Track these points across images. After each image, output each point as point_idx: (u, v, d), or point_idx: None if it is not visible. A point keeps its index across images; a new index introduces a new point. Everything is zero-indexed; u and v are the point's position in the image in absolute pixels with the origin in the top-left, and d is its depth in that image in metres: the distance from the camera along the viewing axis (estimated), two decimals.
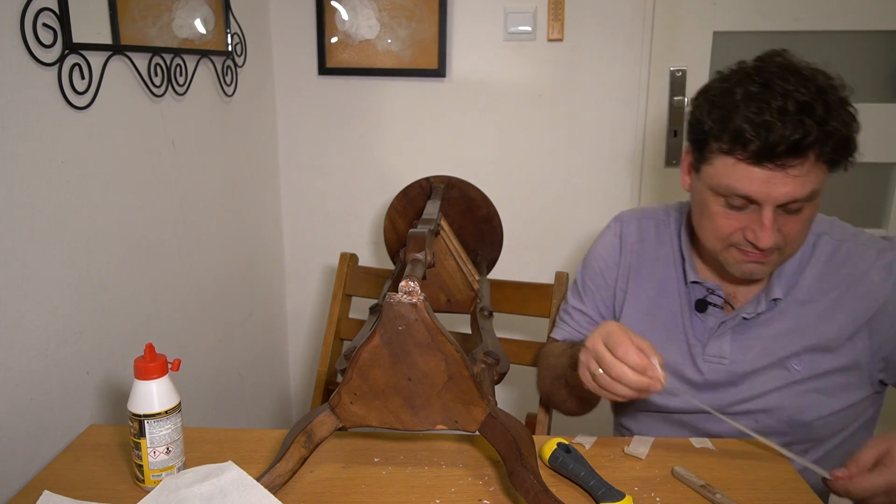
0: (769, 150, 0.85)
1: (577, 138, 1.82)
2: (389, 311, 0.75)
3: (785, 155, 0.85)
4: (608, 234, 1.17)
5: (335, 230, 1.92)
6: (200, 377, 1.45)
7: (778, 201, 0.89)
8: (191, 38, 1.35)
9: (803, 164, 0.86)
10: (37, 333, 0.95)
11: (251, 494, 0.77)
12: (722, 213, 0.94)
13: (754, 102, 0.87)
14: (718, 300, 1.04)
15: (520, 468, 0.78)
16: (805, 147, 0.85)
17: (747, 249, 0.94)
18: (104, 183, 1.09)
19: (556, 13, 1.73)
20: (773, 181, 0.87)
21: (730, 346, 1.03)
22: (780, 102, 0.85)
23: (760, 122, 0.85)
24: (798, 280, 1.01)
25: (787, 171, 0.87)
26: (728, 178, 0.90)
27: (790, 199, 0.88)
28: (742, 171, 0.89)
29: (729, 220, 0.94)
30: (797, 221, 0.92)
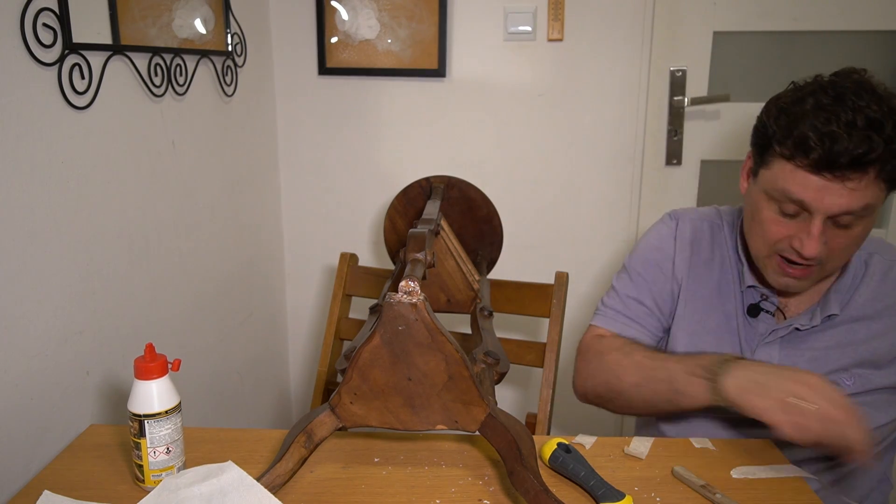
0: (831, 161, 0.86)
1: (577, 138, 1.82)
2: (389, 311, 0.75)
3: (846, 167, 0.86)
4: (663, 229, 1.16)
5: (335, 230, 1.92)
6: (200, 377, 1.45)
7: (830, 211, 0.89)
8: (191, 38, 1.35)
9: (861, 179, 0.86)
10: (37, 333, 0.95)
11: (251, 494, 0.77)
12: (773, 219, 0.94)
13: (823, 113, 0.87)
14: (771, 307, 1.04)
15: (520, 468, 0.78)
16: (867, 162, 0.85)
17: (791, 258, 0.94)
18: (104, 183, 1.09)
19: (556, 13, 1.73)
20: (830, 191, 0.87)
21: (778, 355, 1.03)
22: (850, 116, 0.85)
23: (827, 131, 0.85)
24: (852, 297, 1.02)
25: (844, 184, 0.87)
26: (784, 183, 0.90)
27: (843, 211, 0.88)
28: (799, 178, 0.89)
29: (779, 227, 0.94)
30: (846, 237, 0.92)
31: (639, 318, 1.13)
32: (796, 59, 1.77)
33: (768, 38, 1.77)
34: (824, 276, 0.99)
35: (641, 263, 1.15)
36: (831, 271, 0.98)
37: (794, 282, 0.97)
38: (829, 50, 1.76)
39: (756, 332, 1.05)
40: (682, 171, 1.83)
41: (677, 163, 1.82)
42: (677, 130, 1.79)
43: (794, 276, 0.96)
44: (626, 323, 1.13)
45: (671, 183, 1.84)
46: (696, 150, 1.82)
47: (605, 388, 1.07)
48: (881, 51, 1.76)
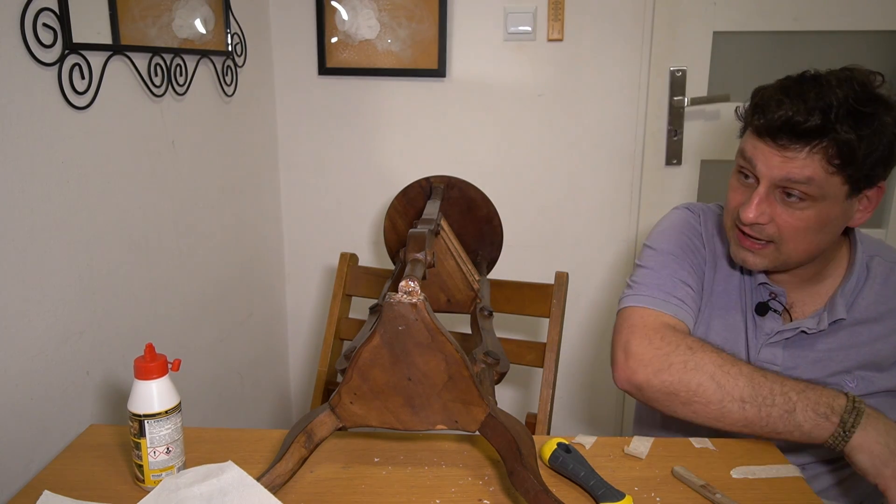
0: (769, 125, 0.90)
1: (577, 138, 1.82)
2: (389, 311, 0.75)
3: (783, 134, 0.90)
4: (689, 218, 1.13)
5: (335, 230, 1.92)
6: (200, 377, 1.45)
7: (771, 177, 0.92)
8: (191, 38, 1.35)
9: (800, 150, 0.89)
10: (37, 333, 0.95)
11: (251, 494, 0.77)
12: (734, 186, 0.99)
13: (792, 88, 0.91)
14: (779, 306, 1.05)
15: (520, 468, 0.78)
16: (802, 133, 0.88)
17: (741, 230, 0.97)
18: (104, 183, 1.09)
19: (556, 13, 1.73)
20: (770, 157, 0.92)
21: (782, 355, 1.03)
22: (811, 94, 0.89)
23: (777, 99, 0.90)
24: (855, 300, 1.02)
25: (783, 153, 0.91)
26: (743, 144, 0.97)
27: (783, 178, 0.91)
28: (753, 144, 0.95)
29: (736, 194, 0.99)
30: (795, 217, 0.93)
31: (689, 302, 1.03)
32: (796, 59, 1.77)
33: (768, 38, 1.77)
34: (785, 261, 0.99)
35: (677, 245, 1.08)
36: (790, 257, 0.98)
37: (749, 256, 0.99)
38: (829, 50, 1.76)
39: (762, 332, 1.05)
40: (682, 171, 1.84)
41: (677, 163, 1.82)
42: (677, 130, 1.79)
43: (748, 249, 0.98)
44: (680, 306, 1.02)
45: (671, 183, 1.84)
46: (696, 150, 1.82)
47: (685, 389, 0.92)
48: (881, 51, 1.76)
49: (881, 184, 0.95)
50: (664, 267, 1.06)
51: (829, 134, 0.88)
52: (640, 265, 1.10)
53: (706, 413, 0.92)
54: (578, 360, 1.96)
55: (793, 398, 0.89)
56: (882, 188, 0.95)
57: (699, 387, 0.91)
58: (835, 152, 0.88)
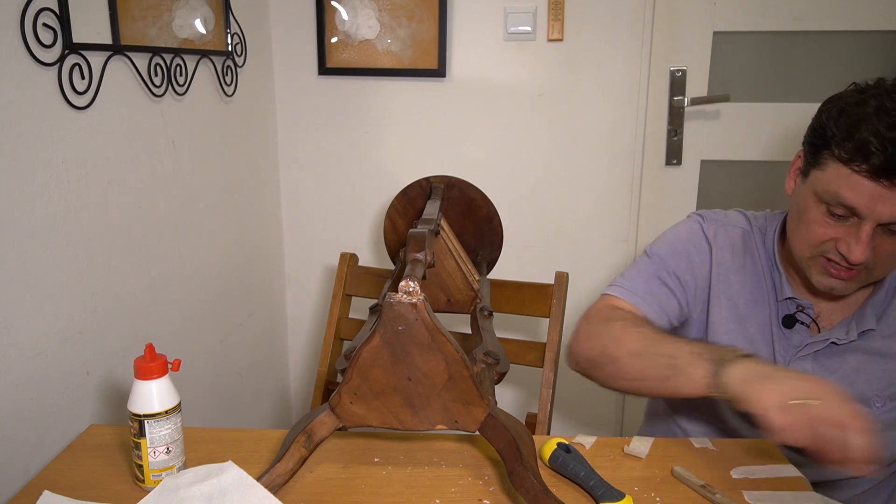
0: (891, 168, 0.84)
1: (577, 138, 1.82)
2: (389, 311, 0.75)
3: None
4: (693, 226, 1.11)
5: (335, 230, 1.92)
6: (200, 377, 1.45)
7: (882, 219, 0.87)
8: (191, 38, 1.35)
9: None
10: (37, 333, 0.95)
11: (251, 494, 0.77)
12: (820, 220, 0.93)
13: (887, 117, 0.85)
14: (807, 318, 1.02)
15: (520, 468, 0.78)
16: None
17: (835, 261, 0.93)
18: (104, 183, 1.09)
19: (556, 13, 1.73)
20: (884, 199, 0.86)
21: (812, 368, 1.01)
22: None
23: (890, 137, 0.83)
24: (885, 311, 1.00)
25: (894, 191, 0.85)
26: (838, 187, 0.89)
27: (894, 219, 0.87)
28: (855, 182, 0.87)
29: (825, 229, 0.92)
30: (893, 244, 0.90)
31: (658, 297, 1.07)
32: (797, 59, 1.77)
33: (768, 38, 1.77)
34: (869, 282, 0.97)
35: (668, 250, 1.10)
36: (877, 278, 0.96)
37: (838, 283, 0.95)
38: (829, 50, 1.76)
39: (790, 344, 1.02)
40: (682, 171, 1.83)
41: (677, 163, 1.82)
42: (677, 130, 1.79)
43: (838, 277, 0.94)
44: (645, 299, 1.06)
45: (671, 183, 1.84)
46: (696, 150, 1.82)
47: (599, 353, 0.99)
48: (882, 51, 1.76)
49: None
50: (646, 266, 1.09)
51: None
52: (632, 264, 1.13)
53: (612, 373, 0.97)
54: None
55: (678, 345, 0.91)
56: None
57: (605, 347, 0.98)
58: None
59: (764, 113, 1.78)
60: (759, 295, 1.05)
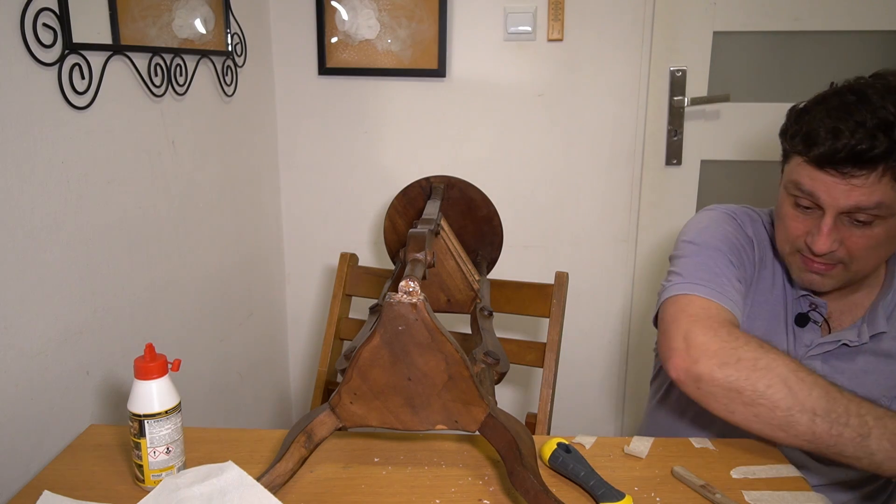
0: (831, 157, 0.86)
1: (577, 138, 1.82)
2: (389, 311, 0.75)
3: (848, 163, 0.86)
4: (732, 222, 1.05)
5: (335, 230, 1.92)
6: (200, 377, 1.45)
7: (839, 207, 0.89)
8: (191, 38, 1.35)
9: (868, 177, 0.86)
10: (37, 333, 0.95)
11: (251, 494, 0.77)
12: (791, 215, 0.95)
13: (838, 112, 0.87)
14: (819, 317, 1.02)
15: (520, 468, 0.78)
16: (869, 160, 0.85)
17: (809, 257, 0.94)
18: (104, 183, 1.09)
19: (556, 13, 1.73)
20: (835, 188, 0.88)
21: (821, 368, 0.99)
22: (863, 116, 0.85)
23: (832, 128, 0.86)
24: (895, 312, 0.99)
25: (849, 181, 0.87)
26: (798, 176, 0.92)
27: (853, 207, 0.88)
28: (809, 171, 0.90)
29: (796, 223, 0.94)
30: (865, 237, 0.90)
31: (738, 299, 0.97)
32: (797, 59, 1.77)
33: (768, 38, 1.77)
34: (852, 278, 0.96)
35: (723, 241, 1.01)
36: (858, 273, 0.95)
37: (818, 278, 0.96)
38: (829, 50, 1.76)
39: (801, 343, 1.02)
40: (682, 171, 1.83)
41: (677, 163, 1.82)
42: (677, 130, 1.79)
43: (816, 272, 0.95)
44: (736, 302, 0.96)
45: (671, 183, 1.84)
46: (696, 150, 1.82)
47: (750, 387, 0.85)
48: (881, 51, 1.76)
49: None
50: (712, 260, 0.99)
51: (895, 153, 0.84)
52: (683, 256, 1.02)
53: (770, 418, 0.85)
54: (578, 360, 1.96)
55: (869, 423, 0.82)
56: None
57: (768, 388, 0.84)
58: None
59: (764, 113, 1.78)
60: (777, 290, 1.05)
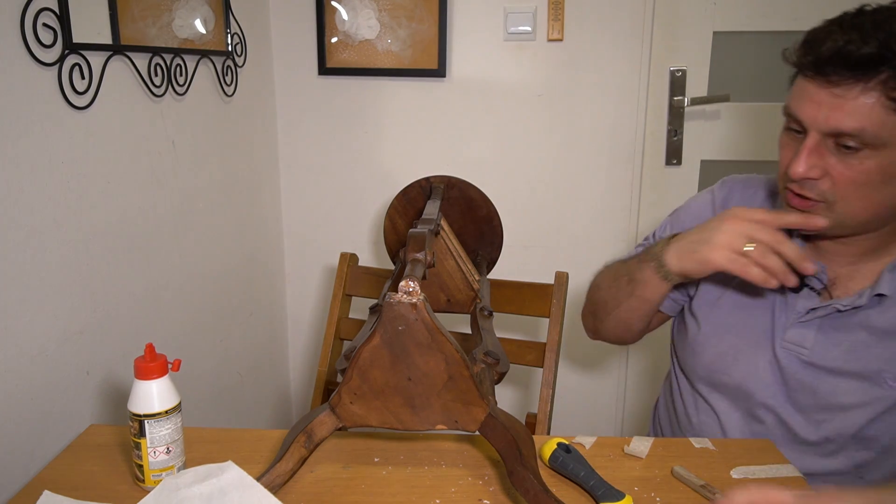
0: (819, 60, 0.79)
1: (577, 138, 1.82)
2: (389, 311, 0.75)
3: (833, 65, 0.78)
4: (706, 195, 1.09)
5: (335, 230, 1.92)
6: (200, 377, 1.45)
7: (820, 126, 0.81)
8: (191, 38, 1.35)
9: (853, 86, 0.78)
10: (37, 333, 0.95)
11: (251, 494, 0.77)
12: (783, 143, 0.88)
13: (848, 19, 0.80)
14: (819, 284, 0.93)
15: (520, 468, 0.78)
16: (856, 63, 0.77)
17: (792, 189, 0.86)
18: (104, 183, 1.09)
19: (556, 13, 1.73)
20: (821, 101, 0.80)
21: (814, 338, 0.93)
22: (868, 22, 0.78)
23: (827, 30, 0.80)
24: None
25: (832, 90, 0.79)
26: (788, 98, 0.86)
27: (835, 128, 0.80)
28: (799, 88, 0.84)
29: (786, 150, 0.88)
30: (851, 169, 0.81)
31: None
32: None
33: (768, 38, 1.77)
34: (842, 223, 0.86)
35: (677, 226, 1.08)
36: (846, 216, 0.85)
37: None
38: None
39: (793, 309, 0.95)
40: (682, 171, 1.83)
41: (677, 163, 1.82)
42: (677, 130, 1.79)
43: (797, 208, 0.87)
44: None
45: (671, 183, 1.84)
46: (696, 150, 1.82)
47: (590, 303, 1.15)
48: None
49: None
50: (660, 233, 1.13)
51: (888, 62, 0.76)
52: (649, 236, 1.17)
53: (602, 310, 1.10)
54: (578, 360, 1.96)
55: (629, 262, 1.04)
56: None
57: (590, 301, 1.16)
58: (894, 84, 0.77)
59: (764, 113, 1.78)
60: None
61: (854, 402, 0.92)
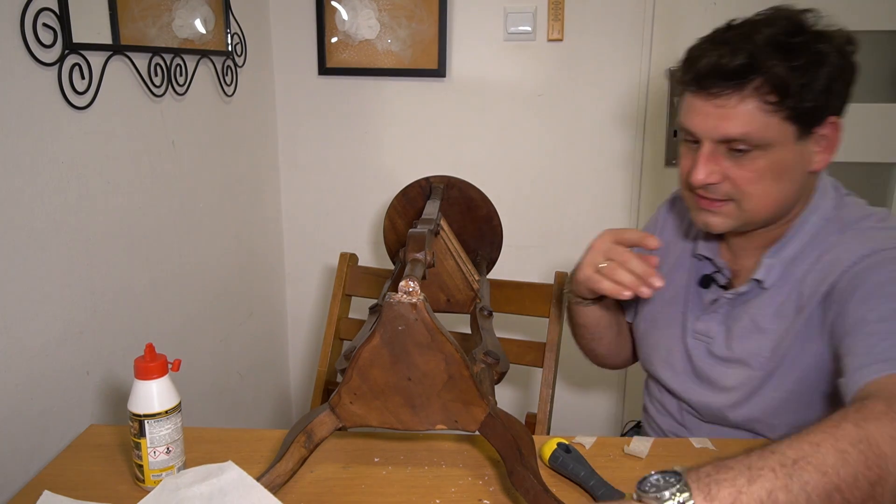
0: (698, 76, 0.87)
1: (577, 138, 1.82)
2: (389, 311, 0.75)
3: (711, 79, 0.86)
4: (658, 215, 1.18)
5: (335, 230, 1.92)
6: (201, 377, 1.45)
7: (710, 135, 0.88)
8: (191, 38, 1.35)
9: (731, 97, 0.85)
10: (37, 333, 0.95)
11: (251, 494, 0.77)
12: (683, 154, 0.96)
13: (716, 34, 0.89)
14: (723, 279, 1.02)
15: (520, 468, 0.78)
16: (730, 74, 0.84)
17: (697, 193, 0.93)
18: (104, 183, 1.09)
19: (556, 13, 1.73)
20: (706, 113, 0.88)
21: (717, 328, 0.99)
22: (729, 34, 0.87)
23: (701, 48, 0.88)
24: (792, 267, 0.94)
25: (714, 102, 0.86)
26: (682, 112, 0.93)
27: (723, 135, 0.87)
28: (688, 104, 0.91)
29: (685, 160, 0.95)
30: (746, 169, 0.88)
31: None
32: None
33: None
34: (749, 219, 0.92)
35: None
36: (753, 214, 0.91)
37: (711, 217, 0.93)
38: None
39: (700, 302, 1.03)
40: None
41: (677, 163, 1.82)
42: (676, 131, 1.79)
43: (707, 209, 0.93)
44: None
45: (671, 183, 1.84)
46: None
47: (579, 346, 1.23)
48: (881, 51, 1.76)
49: (833, 119, 0.88)
50: None
51: (759, 70, 0.83)
52: None
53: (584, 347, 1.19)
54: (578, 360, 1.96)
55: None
56: (837, 125, 0.89)
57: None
58: (768, 89, 0.84)
59: None
60: (685, 254, 1.08)
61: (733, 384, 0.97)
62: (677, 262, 1.09)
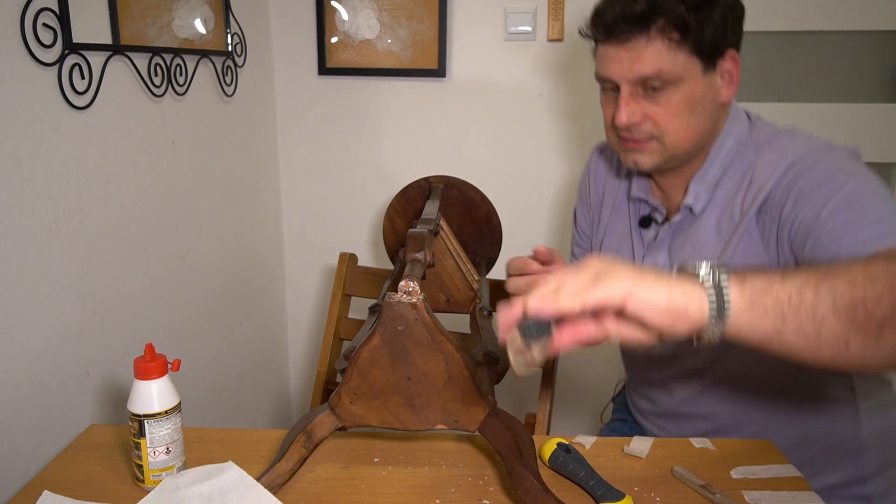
0: (606, 25, 0.94)
1: (577, 138, 1.82)
2: (389, 311, 0.75)
3: (618, 27, 0.92)
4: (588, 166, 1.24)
5: (335, 230, 1.92)
6: (200, 377, 1.45)
7: (626, 77, 0.94)
8: (191, 38, 1.35)
9: (639, 40, 0.92)
10: (37, 333, 0.95)
11: (251, 494, 0.77)
12: (604, 102, 1.02)
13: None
14: (660, 217, 1.08)
15: (520, 468, 0.78)
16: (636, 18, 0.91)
17: (622, 135, 0.99)
18: (104, 183, 1.09)
19: (556, 13, 1.73)
20: (619, 58, 0.94)
21: (664, 259, 1.05)
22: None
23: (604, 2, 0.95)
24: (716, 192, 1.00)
25: (625, 46, 0.93)
26: (598, 64, 0.99)
27: (638, 75, 0.93)
28: (601, 54, 0.98)
29: (607, 108, 1.01)
30: (663, 106, 0.95)
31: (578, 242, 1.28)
32: (797, 59, 1.77)
33: (768, 37, 1.77)
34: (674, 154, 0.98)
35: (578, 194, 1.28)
36: (675, 145, 0.97)
37: (638, 156, 1.00)
38: (829, 50, 1.76)
39: (645, 242, 1.09)
40: None
41: None
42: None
43: (633, 150, 1.00)
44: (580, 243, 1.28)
45: None
46: None
47: None
48: (881, 51, 1.76)
49: (732, 54, 0.99)
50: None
51: (660, 12, 0.91)
52: None
53: None
54: (578, 360, 1.96)
55: None
56: (736, 59, 1.00)
57: None
58: (671, 28, 0.91)
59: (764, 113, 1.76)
60: (621, 200, 1.14)
61: None
62: (616, 206, 1.15)
